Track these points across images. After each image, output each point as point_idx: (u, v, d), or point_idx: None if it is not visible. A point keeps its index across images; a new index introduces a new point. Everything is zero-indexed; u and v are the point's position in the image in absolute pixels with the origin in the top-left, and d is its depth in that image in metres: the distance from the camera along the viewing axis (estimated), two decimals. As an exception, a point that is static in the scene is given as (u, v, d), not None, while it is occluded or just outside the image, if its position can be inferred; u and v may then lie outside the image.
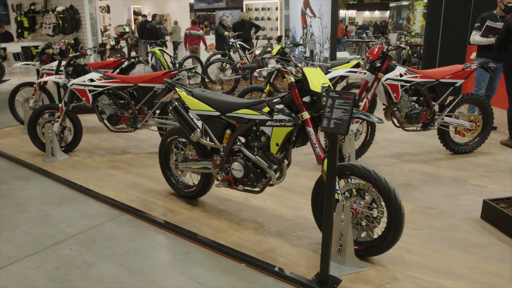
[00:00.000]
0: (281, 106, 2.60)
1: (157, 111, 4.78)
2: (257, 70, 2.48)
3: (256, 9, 20.98)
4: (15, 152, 4.95)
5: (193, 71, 4.89)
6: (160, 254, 2.74)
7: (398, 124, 4.40)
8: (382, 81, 4.06)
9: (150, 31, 13.05)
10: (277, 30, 20.32)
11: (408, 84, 4.15)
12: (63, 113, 4.63)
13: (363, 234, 2.69)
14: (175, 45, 11.78)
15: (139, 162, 4.54)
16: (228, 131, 2.98)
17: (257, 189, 2.92)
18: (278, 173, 2.82)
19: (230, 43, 9.11)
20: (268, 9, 20.68)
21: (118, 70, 5.86)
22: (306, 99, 2.52)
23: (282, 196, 3.58)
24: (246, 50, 9.15)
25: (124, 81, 4.59)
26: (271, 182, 2.84)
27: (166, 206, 3.42)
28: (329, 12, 7.49)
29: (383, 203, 2.48)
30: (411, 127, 4.41)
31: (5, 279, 2.50)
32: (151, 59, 7.54)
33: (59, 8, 10.59)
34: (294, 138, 2.70)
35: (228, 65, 7.91)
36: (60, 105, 4.65)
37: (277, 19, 20.42)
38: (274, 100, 2.68)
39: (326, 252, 2.32)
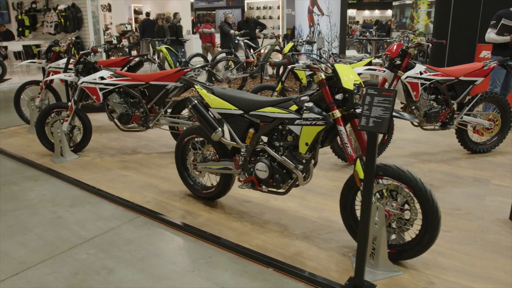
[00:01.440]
0: (310, 104, 2.49)
1: (169, 110, 4.66)
2: (289, 66, 2.37)
3: (258, 8, 20.83)
4: (22, 152, 4.82)
5: (206, 68, 4.77)
6: (182, 258, 2.63)
7: (416, 123, 4.31)
8: (402, 79, 3.96)
9: (152, 29, 12.95)
10: (279, 29, 20.21)
11: (428, 82, 4.06)
12: (72, 111, 4.51)
13: (393, 237, 2.59)
14: (181, 43, 11.64)
15: (151, 162, 4.43)
16: (251, 130, 2.87)
17: (282, 190, 2.82)
18: (305, 173, 2.72)
19: (236, 41, 9.00)
20: (270, 7, 20.56)
21: (126, 68, 5.73)
22: (339, 96, 2.42)
23: (303, 197, 3.47)
24: (252, 49, 9.05)
25: (135, 79, 4.47)
26: (297, 183, 2.73)
27: (184, 208, 3.31)
28: (338, 10, 7.41)
29: (417, 205, 2.39)
30: (430, 126, 4.32)
31: (21, 286, 2.38)
32: (158, 57, 7.41)
33: (61, 7, 10.44)
34: (322, 137, 2.60)
35: (233, 64, 7.81)
36: (69, 103, 4.53)
37: (278, 18, 20.32)
38: (302, 98, 2.57)
39: (361, 257, 2.22)
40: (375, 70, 4.13)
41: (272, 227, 2.98)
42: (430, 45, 4.29)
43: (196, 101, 3.08)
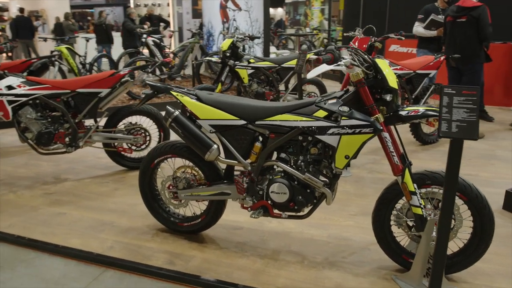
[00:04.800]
0: (346, 109, 2.05)
1: (100, 123, 3.76)
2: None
3: (146, 5, 19.51)
4: None
5: (149, 69, 3.98)
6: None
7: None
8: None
9: (28, 27, 11.05)
10: (170, 27, 19.25)
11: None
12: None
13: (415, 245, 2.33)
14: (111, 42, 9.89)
15: (88, 192, 3.49)
16: (257, 144, 2.31)
17: (303, 213, 2.33)
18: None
19: (143, 39, 8.05)
20: (159, 5, 19.43)
21: (26, 73, 4.53)
22: (388, 97, 2.02)
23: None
24: (159, 48, 8.18)
25: (56, 86, 3.48)
26: (325, 202, 2.28)
27: (164, 249, 2.58)
28: (260, 5, 7.07)
29: (465, 212, 2.15)
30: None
31: None
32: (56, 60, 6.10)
33: None
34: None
35: (149, 65, 6.90)
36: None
37: (169, 16, 19.33)
38: (331, 101, 2.12)
39: (437, 283, 1.88)
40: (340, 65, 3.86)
41: (287, 258, 2.47)
42: (403, 38, 4.24)
43: (177, 112, 2.39)
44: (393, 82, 2.02)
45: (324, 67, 3.89)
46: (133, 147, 3.90)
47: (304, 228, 2.83)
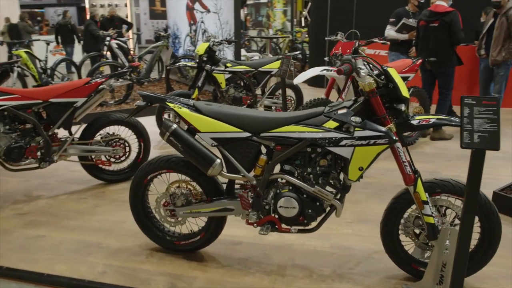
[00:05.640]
0: (359, 119, 2.00)
1: (75, 135, 3.50)
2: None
3: (102, 6, 18.75)
4: None
5: (128, 75, 3.75)
6: None
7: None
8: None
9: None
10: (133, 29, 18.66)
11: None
12: None
13: (427, 254, 2.34)
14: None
15: (66, 210, 3.23)
16: (263, 157, 2.21)
17: (311, 227, 2.26)
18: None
19: (107, 42, 7.67)
20: (116, 5, 18.73)
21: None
22: (403, 107, 1.99)
23: (297, 225, 2.95)
24: (123, 51, 7.84)
25: (26, 96, 3.19)
26: (334, 215, 2.22)
27: (162, 271, 2.42)
28: (230, 7, 6.94)
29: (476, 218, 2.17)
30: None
31: None
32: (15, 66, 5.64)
33: None
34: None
35: (112, 69, 6.59)
36: None
37: (127, 17, 18.69)
38: (341, 111, 2.06)
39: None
40: (330, 70, 3.84)
41: (294, 273, 2.39)
42: (387, 43, 4.27)
43: (175, 125, 2.24)
44: (405, 91, 1.99)
45: (312, 72, 3.84)
46: (112, 159, 3.67)
47: (305, 239, 2.76)
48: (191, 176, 2.37)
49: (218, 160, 2.20)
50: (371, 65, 2.05)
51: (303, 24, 14.20)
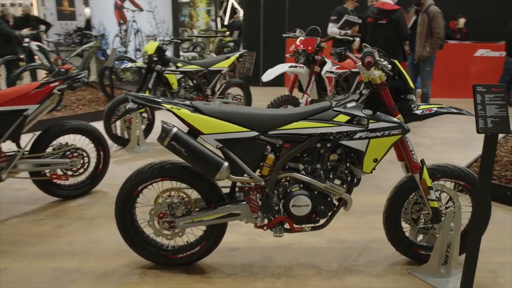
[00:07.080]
0: (370, 112, 2.01)
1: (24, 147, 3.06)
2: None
3: (13, 5, 16.86)
4: None
5: (83, 77, 3.38)
6: None
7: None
8: (323, 74, 3.84)
9: None
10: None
11: (335, 76, 4.09)
12: None
13: (420, 238, 2.47)
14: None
15: (25, 235, 2.80)
16: (271, 156, 2.12)
17: (321, 223, 2.24)
18: (350, 195, 2.23)
19: (26, 44, 6.88)
20: (20, 5, 16.95)
21: None
22: (411, 97, 2.04)
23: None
24: (44, 54, 7.08)
25: (-35, 107, 2.70)
26: (343, 209, 2.22)
27: (163, 288, 2.21)
28: (167, 5, 6.64)
29: (464, 200, 2.33)
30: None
31: None
32: None
33: None
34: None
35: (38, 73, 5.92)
36: None
37: (35, 17, 17.05)
38: (350, 105, 2.05)
39: (470, 275, 1.98)
40: (296, 67, 3.84)
41: (302, 272, 2.34)
42: (351, 39, 4.36)
43: (176, 128, 2.05)
44: (411, 82, 2.05)
45: (281, 68, 3.82)
46: (69, 172, 3.28)
47: (301, 237, 2.73)
48: (190, 182, 2.20)
49: (226, 163, 2.06)
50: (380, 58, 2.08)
51: (219, 25, 14.18)
